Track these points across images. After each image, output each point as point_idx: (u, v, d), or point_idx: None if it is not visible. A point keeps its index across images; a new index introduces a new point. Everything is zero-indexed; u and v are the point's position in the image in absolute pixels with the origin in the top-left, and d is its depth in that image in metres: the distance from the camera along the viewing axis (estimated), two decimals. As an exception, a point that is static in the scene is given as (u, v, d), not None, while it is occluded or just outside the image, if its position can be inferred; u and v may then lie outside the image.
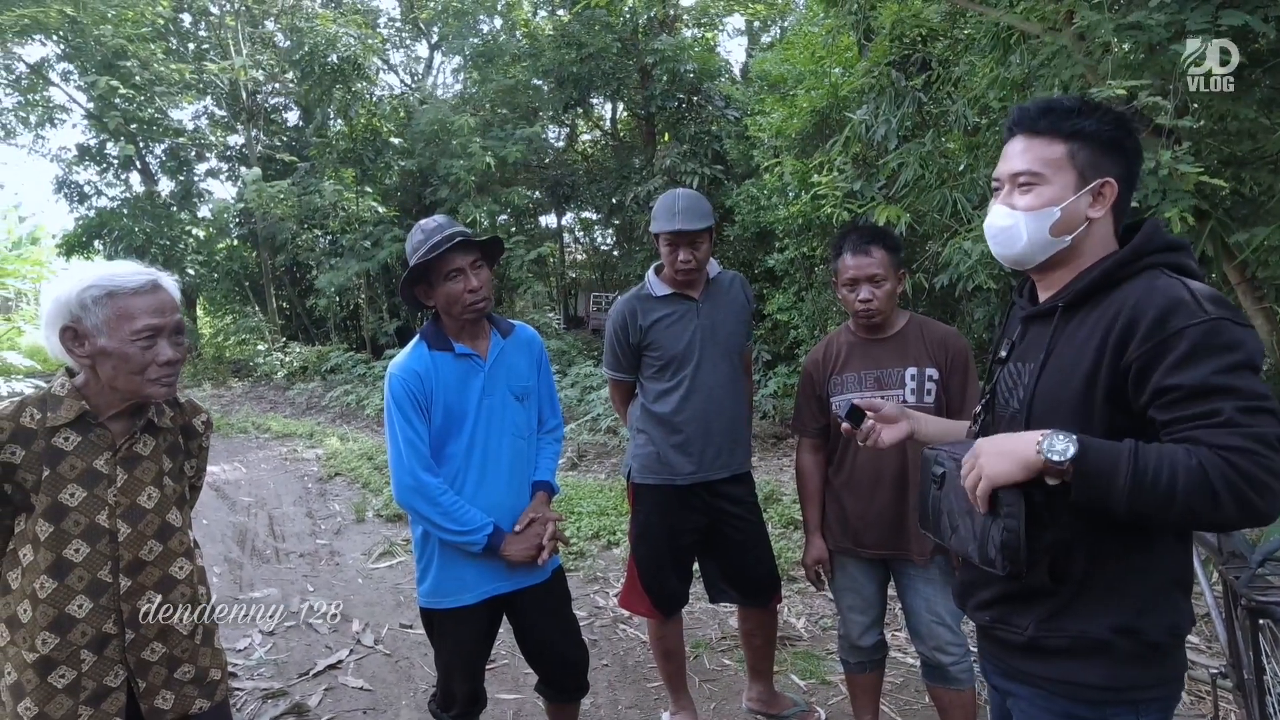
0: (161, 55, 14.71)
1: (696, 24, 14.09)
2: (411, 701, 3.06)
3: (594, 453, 7.63)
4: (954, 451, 1.35)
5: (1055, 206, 1.26)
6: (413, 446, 2.03)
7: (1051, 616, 1.27)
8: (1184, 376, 1.11)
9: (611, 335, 2.60)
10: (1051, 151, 1.27)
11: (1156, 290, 1.18)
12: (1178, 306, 1.14)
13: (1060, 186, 1.26)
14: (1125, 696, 1.23)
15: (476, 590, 2.10)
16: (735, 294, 2.62)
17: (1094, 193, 1.26)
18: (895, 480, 2.24)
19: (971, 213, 4.58)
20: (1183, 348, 1.12)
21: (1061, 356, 1.27)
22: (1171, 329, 1.13)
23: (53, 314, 1.45)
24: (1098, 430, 1.20)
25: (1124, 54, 3.19)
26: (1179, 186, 2.81)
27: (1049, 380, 1.27)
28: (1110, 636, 1.22)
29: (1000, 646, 1.36)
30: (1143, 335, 1.15)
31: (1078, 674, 1.25)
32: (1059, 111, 1.27)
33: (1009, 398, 1.35)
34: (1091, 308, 1.25)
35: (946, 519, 1.36)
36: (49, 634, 1.44)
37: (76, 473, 1.48)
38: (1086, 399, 1.22)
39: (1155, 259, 1.23)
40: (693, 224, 2.41)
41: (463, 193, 12.74)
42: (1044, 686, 1.28)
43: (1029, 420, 1.28)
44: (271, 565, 4.79)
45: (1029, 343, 1.35)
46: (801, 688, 3.06)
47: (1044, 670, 1.28)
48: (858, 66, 5.73)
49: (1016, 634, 1.31)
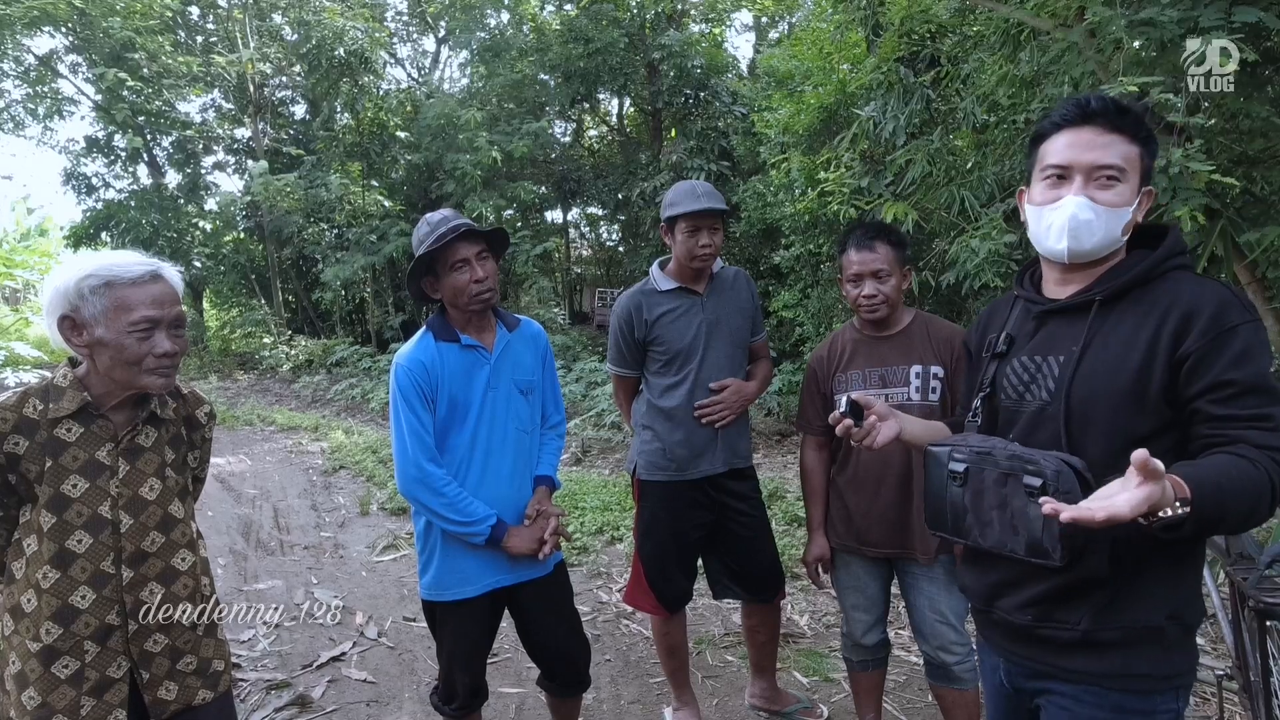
0: (169, 48, 14.74)
1: (704, 19, 14.05)
2: (414, 694, 3.07)
3: (598, 448, 7.63)
4: (970, 445, 1.33)
5: (1128, 207, 1.28)
6: (417, 437, 2.03)
7: (1106, 607, 1.27)
8: (1241, 373, 1.17)
9: (616, 330, 2.59)
10: (1130, 151, 1.29)
11: (1205, 287, 1.24)
12: (1231, 303, 1.21)
13: (1132, 188, 1.29)
14: (1172, 683, 1.27)
15: (478, 583, 2.10)
16: (739, 289, 2.61)
17: (1141, 199, 1.31)
18: (900, 479, 2.23)
19: (979, 210, 4.55)
20: (1238, 345, 1.18)
21: (1104, 349, 1.28)
22: (1228, 324, 1.19)
23: (52, 302, 1.45)
24: (1149, 423, 1.24)
25: (1135, 51, 3.16)
26: (1190, 185, 2.78)
27: (1089, 372, 1.28)
28: (1163, 622, 1.25)
29: (1042, 646, 1.33)
30: (1202, 329, 1.20)
31: (1131, 665, 1.26)
32: (1135, 113, 1.30)
33: (1024, 391, 1.35)
34: (1131, 303, 1.29)
35: (973, 517, 1.32)
36: (52, 624, 1.44)
37: (79, 464, 1.48)
38: (1138, 392, 1.24)
39: (1179, 260, 1.29)
40: (716, 203, 2.43)
41: (469, 187, 12.74)
42: (1096, 682, 1.28)
43: (1068, 411, 1.29)
44: (276, 557, 4.80)
45: (1049, 337, 1.35)
46: (804, 685, 3.05)
47: (1097, 665, 1.28)
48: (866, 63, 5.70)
49: (1067, 630, 1.29)
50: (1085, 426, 1.28)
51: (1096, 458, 1.25)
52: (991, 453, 1.30)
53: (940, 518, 1.38)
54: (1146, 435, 1.23)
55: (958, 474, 1.34)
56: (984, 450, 1.31)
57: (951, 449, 1.36)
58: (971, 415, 1.44)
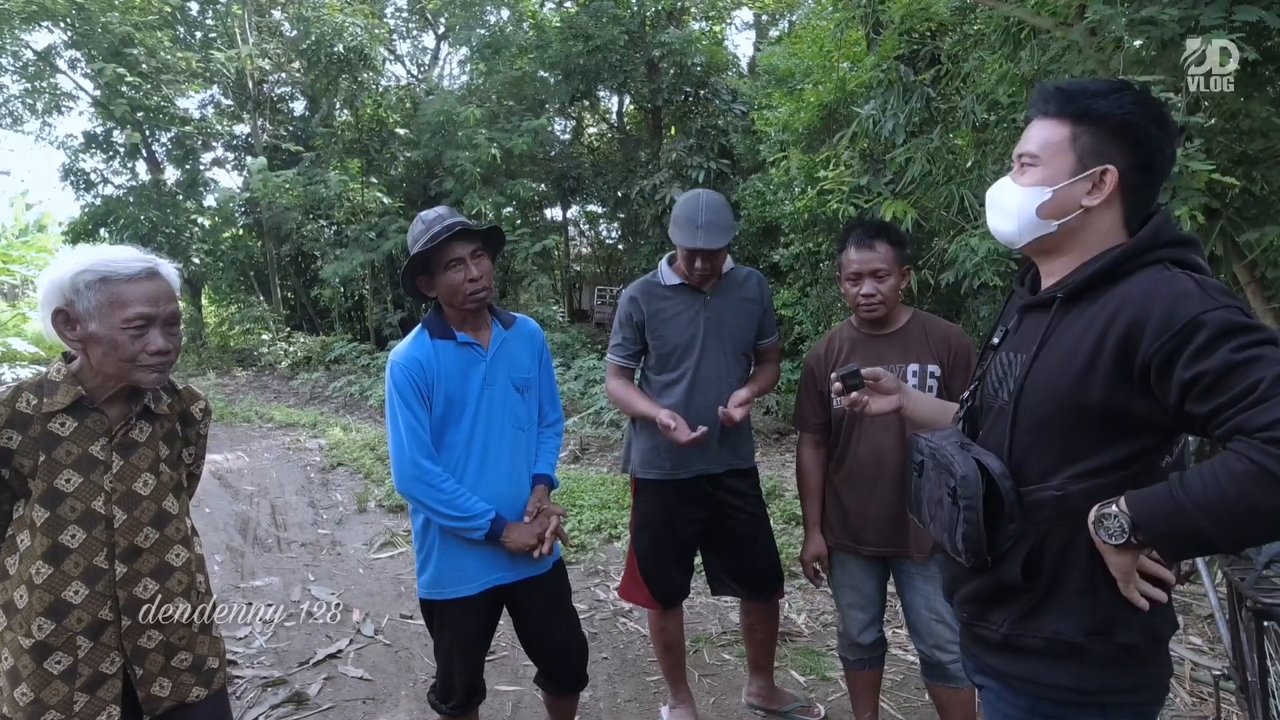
0: (168, 43, 14.71)
1: (704, 17, 14.04)
2: (411, 692, 3.06)
3: (596, 446, 7.63)
4: (931, 440, 1.35)
5: (1046, 187, 1.23)
6: (414, 434, 2.03)
7: (1024, 615, 1.25)
8: (1207, 362, 1.04)
9: (620, 314, 2.62)
10: (1054, 134, 1.24)
11: (1161, 283, 1.12)
12: (1186, 297, 1.08)
13: (1055, 169, 1.23)
14: (1095, 699, 1.21)
15: (477, 581, 2.10)
16: (749, 291, 2.59)
17: (1093, 180, 1.21)
18: (895, 478, 2.22)
19: (978, 210, 4.55)
20: (1201, 336, 1.05)
21: (1055, 350, 1.22)
22: (1183, 319, 1.06)
23: (47, 296, 1.44)
24: (1090, 436, 1.18)
25: (1136, 50, 3.15)
26: (1190, 184, 2.78)
27: (1040, 373, 1.23)
28: (1082, 639, 1.20)
29: (976, 643, 1.35)
30: (1154, 331, 1.09)
31: (1047, 675, 1.23)
32: (1070, 93, 1.23)
33: (999, 388, 1.32)
34: (1090, 301, 1.20)
35: (926, 507, 1.37)
36: (45, 619, 1.43)
37: (72, 458, 1.47)
38: (1077, 400, 1.17)
39: (1162, 254, 1.18)
40: (714, 243, 2.38)
41: (468, 184, 12.72)
42: (1013, 684, 1.28)
43: (1016, 413, 1.25)
44: (273, 554, 4.80)
45: (1024, 333, 1.31)
46: (801, 684, 3.05)
47: (1013, 668, 1.27)
48: (866, 61, 5.70)
49: (991, 631, 1.30)
50: (1029, 430, 1.24)
51: (1036, 465, 1.22)
52: (939, 448, 1.31)
53: (912, 504, 1.43)
54: (1088, 450, 1.18)
55: (916, 465, 1.38)
56: (935, 445, 1.32)
57: (918, 439, 1.39)
58: (961, 405, 1.44)
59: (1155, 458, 1.18)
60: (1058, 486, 1.20)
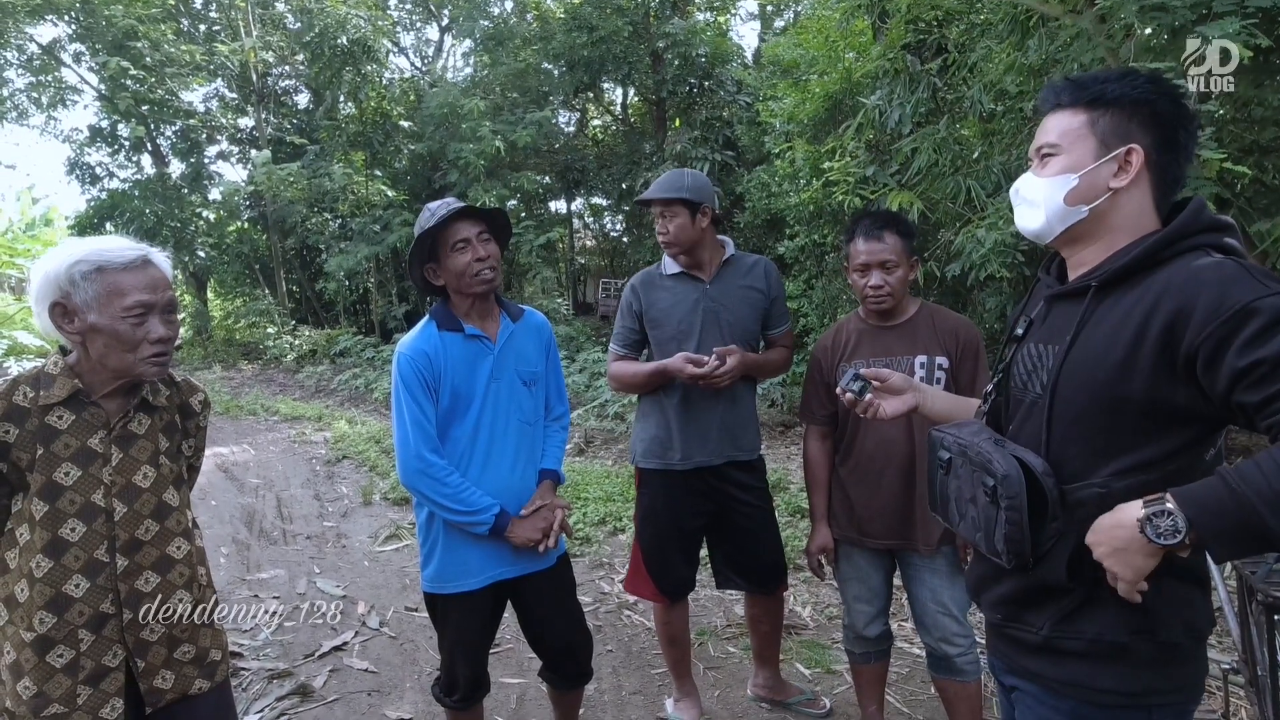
0: (172, 36, 14.70)
1: (709, 7, 13.95)
2: (416, 684, 3.07)
3: (601, 438, 7.63)
4: (959, 436, 1.31)
5: (1072, 173, 1.20)
6: (420, 427, 2.01)
7: (1067, 617, 1.22)
8: (1266, 350, 0.99)
9: (621, 304, 2.63)
10: (1071, 122, 1.21)
11: (1205, 269, 1.08)
12: (1234, 283, 1.04)
13: (1078, 155, 1.20)
14: (1140, 701, 1.18)
15: (481, 575, 2.09)
16: (753, 279, 2.56)
17: (1119, 161, 1.18)
18: (902, 470, 2.21)
19: (985, 200, 4.51)
20: (1257, 323, 1.00)
21: (1091, 340, 1.18)
22: (1233, 306, 1.02)
23: (42, 290, 1.43)
24: (1130, 428, 1.14)
25: (1146, 38, 3.12)
26: (1200, 173, 2.75)
27: (1075, 365, 1.19)
28: (1128, 639, 1.17)
29: (1012, 645, 1.31)
30: (1202, 319, 1.04)
31: (1091, 678, 1.20)
32: (1080, 82, 1.21)
33: (1028, 380, 1.28)
34: (1128, 289, 1.16)
35: (955, 505, 1.32)
36: (46, 613, 1.43)
37: (71, 451, 1.46)
38: (1116, 391, 1.13)
39: (1202, 239, 1.14)
40: (656, 193, 2.47)
41: (472, 177, 12.70)
42: (1056, 689, 1.24)
43: (1052, 407, 1.21)
44: (279, 546, 4.81)
45: (1054, 323, 1.27)
46: (807, 676, 3.04)
47: (1055, 671, 1.24)
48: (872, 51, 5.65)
49: (1030, 633, 1.26)
50: (1066, 426, 1.20)
51: (1076, 461, 1.19)
52: (971, 445, 1.26)
53: (934, 502, 1.39)
54: (1130, 444, 1.14)
55: (943, 462, 1.34)
56: (965, 442, 1.28)
57: (943, 435, 1.35)
58: (984, 399, 1.40)
59: (1200, 451, 1.13)
60: (1101, 484, 1.16)
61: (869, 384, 1.55)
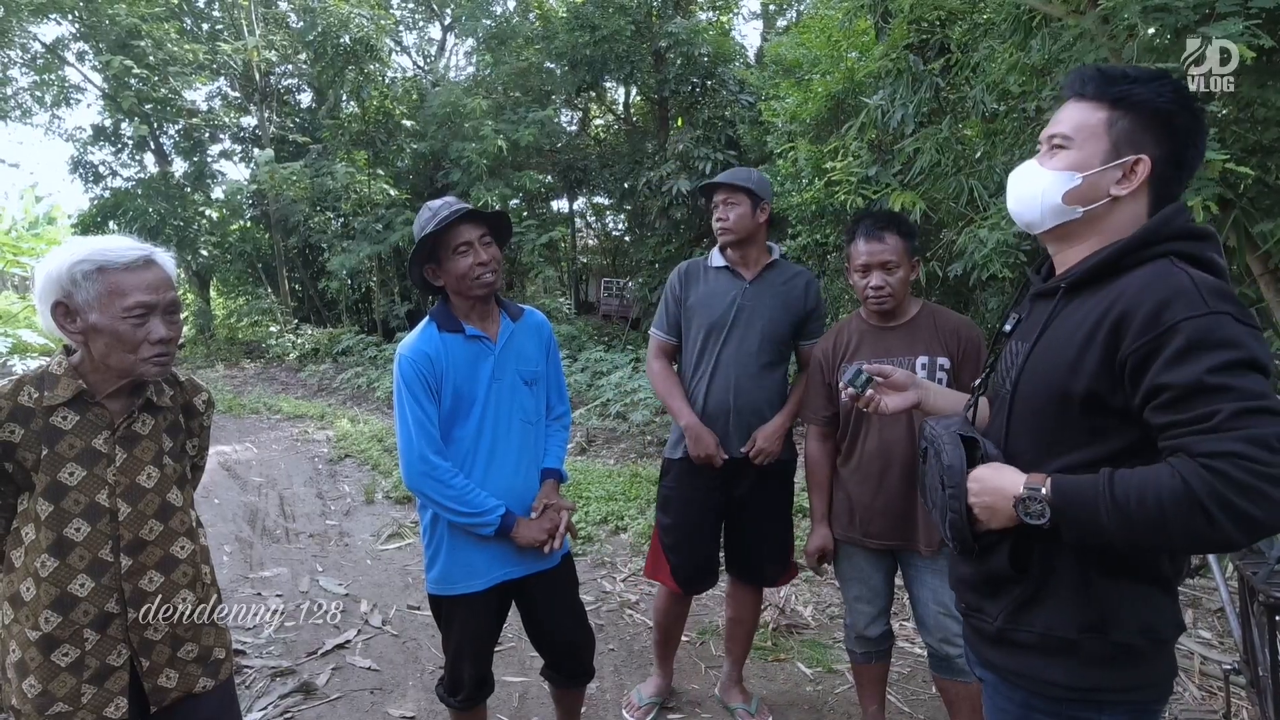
0: (175, 35, 14.70)
1: (711, 7, 13.92)
2: (418, 682, 3.08)
3: (603, 438, 7.63)
4: (935, 427, 1.34)
5: (1077, 172, 1.19)
6: (423, 429, 2.01)
7: (1018, 609, 1.24)
8: (1177, 375, 1.02)
9: (665, 289, 2.70)
10: (1091, 117, 1.19)
11: (1156, 279, 1.09)
12: (1175, 298, 1.05)
13: (1088, 154, 1.19)
14: (1090, 697, 1.19)
15: (486, 576, 2.09)
16: (793, 287, 2.58)
17: (1124, 169, 1.17)
18: (904, 471, 2.21)
19: (988, 200, 4.51)
20: (1177, 343, 1.03)
21: (1052, 339, 1.21)
22: (1166, 323, 1.04)
23: (44, 289, 1.43)
24: (1071, 429, 1.17)
25: (1149, 38, 3.11)
26: (1203, 174, 2.74)
27: (1036, 362, 1.23)
28: (1077, 635, 1.18)
29: (975, 635, 1.35)
30: (1137, 329, 1.07)
31: (1041, 670, 1.22)
32: (1110, 75, 1.19)
33: (1005, 375, 1.32)
34: (1093, 291, 1.17)
35: (929, 493, 1.37)
36: (51, 612, 1.44)
37: (75, 451, 1.47)
38: (1063, 393, 1.16)
39: (1170, 247, 1.14)
40: (725, 179, 2.54)
41: (474, 176, 12.70)
42: (1008, 678, 1.27)
43: (1012, 404, 1.25)
44: (281, 545, 4.82)
45: (1030, 321, 1.30)
46: (808, 676, 3.05)
47: (1008, 662, 1.27)
48: (874, 50, 5.64)
49: (988, 623, 1.29)
50: (1022, 420, 1.24)
51: (1028, 454, 1.22)
52: (937, 436, 1.31)
53: (920, 490, 1.45)
54: (1075, 442, 1.17)
55: (922, 452, 1.39)
56: (936, 433, 1.32)
57: (924, 426, 1.40)
58: (972, 393, 1.43)
59: (1147, 456, 1.12)
60: None
61: (871, 379, 1.56)
